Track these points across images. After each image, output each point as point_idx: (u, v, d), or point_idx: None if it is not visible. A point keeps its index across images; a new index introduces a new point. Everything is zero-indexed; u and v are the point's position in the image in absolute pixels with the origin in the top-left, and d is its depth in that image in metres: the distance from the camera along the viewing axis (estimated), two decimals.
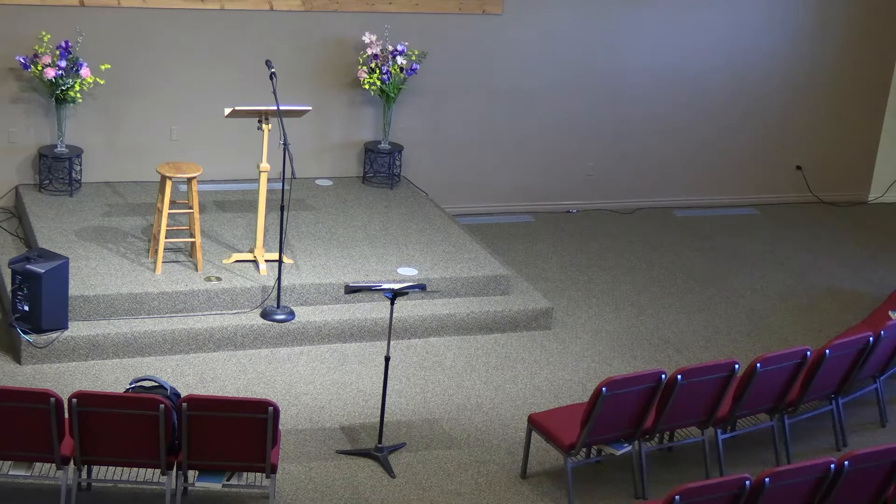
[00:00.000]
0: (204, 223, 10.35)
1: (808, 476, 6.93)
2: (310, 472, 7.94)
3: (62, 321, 8.94)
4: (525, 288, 10.41)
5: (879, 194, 14.02)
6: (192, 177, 9.64)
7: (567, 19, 12.22)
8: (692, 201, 13.25)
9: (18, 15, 10.56)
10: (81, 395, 6.95)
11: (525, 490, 7.97)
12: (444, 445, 8.38)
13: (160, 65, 11.07)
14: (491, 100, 12.21)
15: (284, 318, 9.40)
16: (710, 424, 8.18)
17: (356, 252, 10.30)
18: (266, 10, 11.24)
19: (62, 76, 10.41)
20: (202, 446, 7.12)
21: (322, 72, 11.55)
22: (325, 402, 8.77)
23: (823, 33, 13.22)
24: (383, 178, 11.79)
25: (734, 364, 7.92)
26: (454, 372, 9.35)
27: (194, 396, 7.06)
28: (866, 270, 12.00)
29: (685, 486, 6.50)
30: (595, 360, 9.72)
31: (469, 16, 11.89)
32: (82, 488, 7.42)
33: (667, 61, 12.70)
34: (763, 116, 13.29)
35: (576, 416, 7.75)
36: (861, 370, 8.75)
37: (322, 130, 11.67)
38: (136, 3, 10.86)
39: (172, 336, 9.17)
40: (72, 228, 10.16)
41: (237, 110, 9.54)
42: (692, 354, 9.95)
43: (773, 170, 13.53)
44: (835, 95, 13.50)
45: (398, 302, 9.10)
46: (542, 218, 12.53)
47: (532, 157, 12.52)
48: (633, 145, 12.86)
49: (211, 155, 11.07)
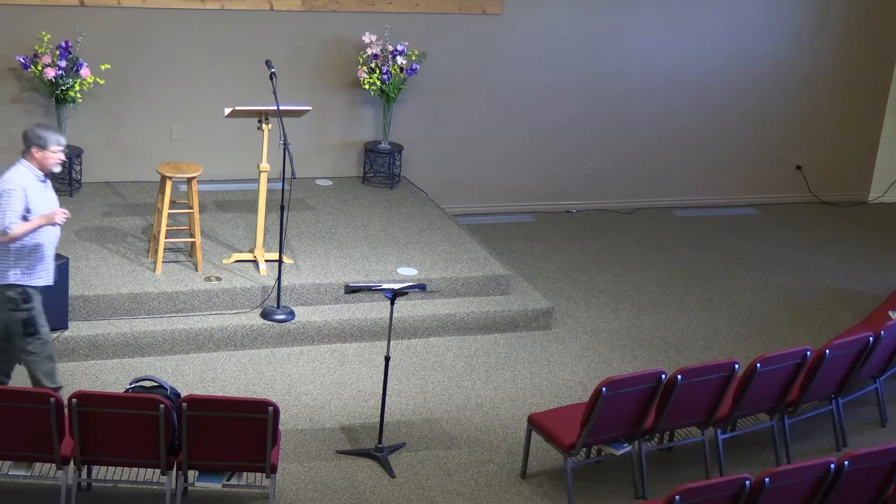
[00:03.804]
0: (204, 223, 10.35)
1: (808, 476, 6.93)
2: (310, 472, 7.94)
3: (62, 321, 8.94)
4: (525, 288, 10.41)
5: (879, 194, 14.02)
6: (192, 177, 9.64)
7: (567, 19, 12.22)
8: (692, 201, 13.25)
9: (18, 15, 10.56)
10: (81, 395, 6.95)
11: (525, 490, 7.97)
12: (444, 445, 8.38)
13: (160, 65, 11.08)
14: (491, 100, 12.21)
15: (284, 318, 9.40)
16: (710, 424, 8.18)
17: (356, 252, 10.30)
18: (266, 10, 11.24)
19: (62, 76, 10.41)
20: (202, 446, 7.11)
21: (322, 72, 11.55)
22: (325, 402, 8.77)
23: (823, 33, 13.22)
24: (383, 178, 11.79)
25: (734, 364, 7.92)
26: (454, 372, 9.34)
27: (194, 396, 7.06)
28: (866, 270, 12.00)
29: (685, 486, 6.50)
30: (595, 360, 9.72)
31: (469, 16, 11.89)
32: (82, 488, 7.41)
33: (667, 61, 12.70)
34: (763, 116, 13.29)
35: (576, 416, 7.74)
36: (861, 370, 8.74)
37: (322, 130, 11.67)
38: (136, 3, 10.86)
39: (172, 336, 9.17)
40: (72, 228, 10.16)
41: (237, 110, 9.54)
42: (692, 354, 9.95)
43: (773, 170, 13.54)
44: (835, 95, 13.50)
45: (398, 302, 9.09)
46: (542, 218, 12.53)
47: (532, 157, 12.52)
48: (633, 145, 12.86)
49: (211, 155, 11.07)
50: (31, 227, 7.54)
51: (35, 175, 7.64)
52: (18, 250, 7.58)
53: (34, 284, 7.68)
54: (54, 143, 7.64)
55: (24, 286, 7.62)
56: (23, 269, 7.61)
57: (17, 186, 7.52)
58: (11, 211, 7.47)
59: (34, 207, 7.57)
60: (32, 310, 7.69)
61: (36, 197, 7.60)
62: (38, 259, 7.65)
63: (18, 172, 7.61)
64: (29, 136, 7.63)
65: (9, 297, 7.63)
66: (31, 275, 7.65)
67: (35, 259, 7.64)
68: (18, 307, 7.65)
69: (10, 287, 7.61)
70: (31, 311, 7.68)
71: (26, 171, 7.62)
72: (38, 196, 7.62)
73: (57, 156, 7.67)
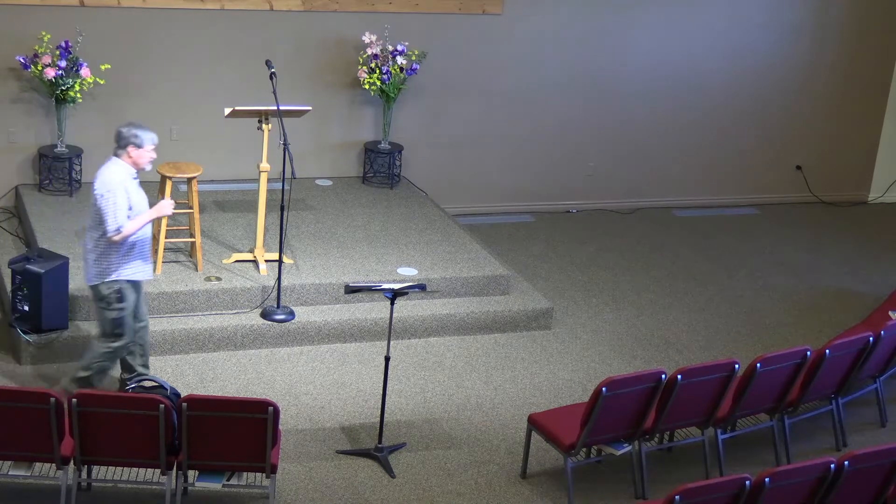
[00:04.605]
0: (204, 223, 10.35)
1: (808, 476, 6.93)
2: (310, 472, 7.94)
3: (62, 321, 8.94)
4: (525, 288, 10.41)
5: (879, 194, 14.02)
6: (192, 177, 9.64)
7: (567, 19, 12.22)
8: (692, 201, 13.25)
9: (18, 15, 10.56)
10: (81, 395, 6.95)
11: (525, 490, 7.97)
12: (444, 445, 8.38)
13: (160, 65, 11.08)
14: (491, 100, 12.21)
15: (284, 318, 9.40)
16: (710, 424, 8.18)
17: (356, 252, 10.30)
18: (266, 10, 11.24)
19: (62, 76, 10.41)
20: (202, 446, 7.12)
21: (322, 72, 11.55)
22: (325, 402, 8.77)
23: (823, 33, 13.22)
24: (383, 178, 11.79)
25: (734, 364, 7.92)
26: (454, 372, 9.34)
27: (194, 396, 7.06)
28: (866, 270, 12.00)
29: (685, 486, 6.50)
30: (595, 360, 9.72)
31: (469, 16, 11.89)
32: (82, 488, 7.41)
33: (667, 61, 12.69)
34: (763, 116, 13.29)
35: (576, 416, 7.75)
36: (861, 370, 8.75)
37: (322, 130, 11.67)
38: (136, 3, 10.86)
39: (172, 336, 9.17)
40: (72, 228, 10.16)
41: (237, 110, 9.54)
42: (692, 354, 9.95)
43: (773, 170, 13.53)
44: (835, 95, 13.50)
45: (398, 302, 9.09)
46: (542, 218, 12.53)
47: (532, 157, 12.52)
48: (633, 145, 12.86)
49: (211, 155, 11.07)
50: (142, 222, 7.91)
51: (129, 173, 7.92)
52: (120, 247, 7.88)
53: (135, 279, 7.98)
54: (150, 142, 7.97)
55: (122, 285, 7.94)
56: (125, 266, 7.94)
57: (119, 186, 7.82)
58: (121, 210, 7.78)
59: (134, 204, 7.88)
60: (124, 310, 7.99)
61: (134, 194, 7.92)
62: (138, 254, 7.98)
63: (116, 171, 7.89)
64: (125, 134, 7.93)
65: (104, 295, 7.96)
66: (133, 270, 7.98)
67: (135, 255, 7.96)
68: (111, 306, 7.96)
69: (109, 284, 7.93)
70: (121, 312, 7.99)
71: (122, 169, 7.91)
72: (135, 193, 7.94)
73: (151, 154, 7.98)
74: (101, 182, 7.85)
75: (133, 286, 8.05)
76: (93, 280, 7.99)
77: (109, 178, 7.84)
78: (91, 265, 7.97)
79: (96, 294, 8.02)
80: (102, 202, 7.79)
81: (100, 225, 7.84)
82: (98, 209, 7.82)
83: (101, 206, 7.80)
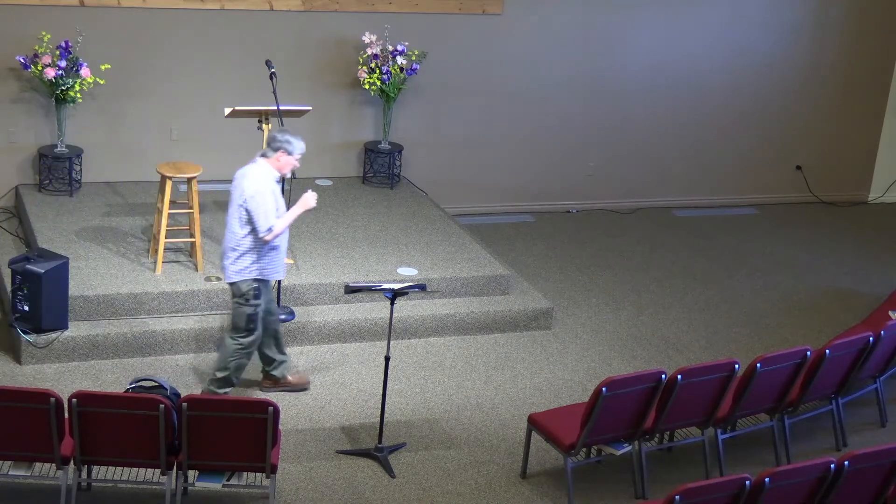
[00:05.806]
0: (204, 223, 10.35)
1: (808, 476, 6.93)
2: (310, 472, 7.94)
3: (62, 321, 8.94)
4: (525, 288, 10.41)
5: (879, 194, 14.02)
6: (192, 177, 9.65)
7: (567, 19, 12.22)
8: (692, 201, 13.25)
9: (18, 15, 10.56)
10: (81, 395, 6.95)
11: (525, 490, 7.98)
12: (444, 445, 8.38)
13: (160, 65, 11.08)
14: (491, 100, 12.21)
15: (284, 318, 9.40)
16: (710, 424, 8.18)
17: (356, 252, 10.30)
18: (266, 10, 11.24)
19: (62, 76, 10.41)
20: (202, 446, 7.12)
21: (322, 72, 11.55)
22: (325, 402, 8.77)
23: (823, 33, 13.23)
24: (383, 178, 11.79)
25: (734, 364, 7.92)
26: (454, 372, 9.34)
27: (194, 396, 7.07)
28: (866, 270, 12.00)
29: (685, 486, 6.50)
30: (595, 360, 9.72)
31: (469, 16, 11.89)
32: (82, 488, 7.42)
33: (667, 61, 12.70)
34: (763, 116, 13.29)
35: (576, 416, 7.75)
36: (861, 370, 8.75)
37: (322, 130, 11.67)
38: (136, 3, 10.86)
39: (172, 336, 9.17)
40: (72, 228, 10.16)
41: (237, 110, 9.54)
42: (692, 354, 9.95)
43: (773, 170, 13.54)
44: (835, 95, 13.50)
45: (398, 302, 9.08)
46: (542, 218, 12.53)
47: (532, 157, 12.52)
48: (633, 145, 12.86)
49: (211, 155, 11.06)
50: (290, 220, 8.17)
51: (273, 176, 8.11)
52: (262, 247, 8.12)
53: (272, 277, 8.34)
54: (298, 151, 8.18)
55: (259, 283, 8.16)
56: (264, 264, 8.17)
57: (268, 188, 8.05)
58: (271, 210, 8.02)
59: (280, 206, 8.14)
60: (259, 307, 8.22)
61: (278, 196, 8.14)
62: (275, 254, 8.20)
63: (263, 174, 8.10)
64: (279, 139, 8.12)
65: (243, 291, 8.18)
66: (270, 269, 8.22)
67: (273, 253, 8.18)
68: (248, 302, 8.20)
69: (248, 282, 8.16)
70: (256, 308, 8.22)
71: (269, 172, 8.11)
72: (278, 195, 8.16)
73: (296, 163, 8.20)
74: (251, 183, 8.04)
75: (265, 283, 8.30)
76: (232, 277, 8.21)
77: (258, 181, 8.04)
78: (232, 262, 8.17)
79: (235, 291, 8.24)
80: (253, 203, 8.00)
81: (245, 224, 8.06)
82: (247, 210, 8.03)
83: (251, 207, 8.01)
